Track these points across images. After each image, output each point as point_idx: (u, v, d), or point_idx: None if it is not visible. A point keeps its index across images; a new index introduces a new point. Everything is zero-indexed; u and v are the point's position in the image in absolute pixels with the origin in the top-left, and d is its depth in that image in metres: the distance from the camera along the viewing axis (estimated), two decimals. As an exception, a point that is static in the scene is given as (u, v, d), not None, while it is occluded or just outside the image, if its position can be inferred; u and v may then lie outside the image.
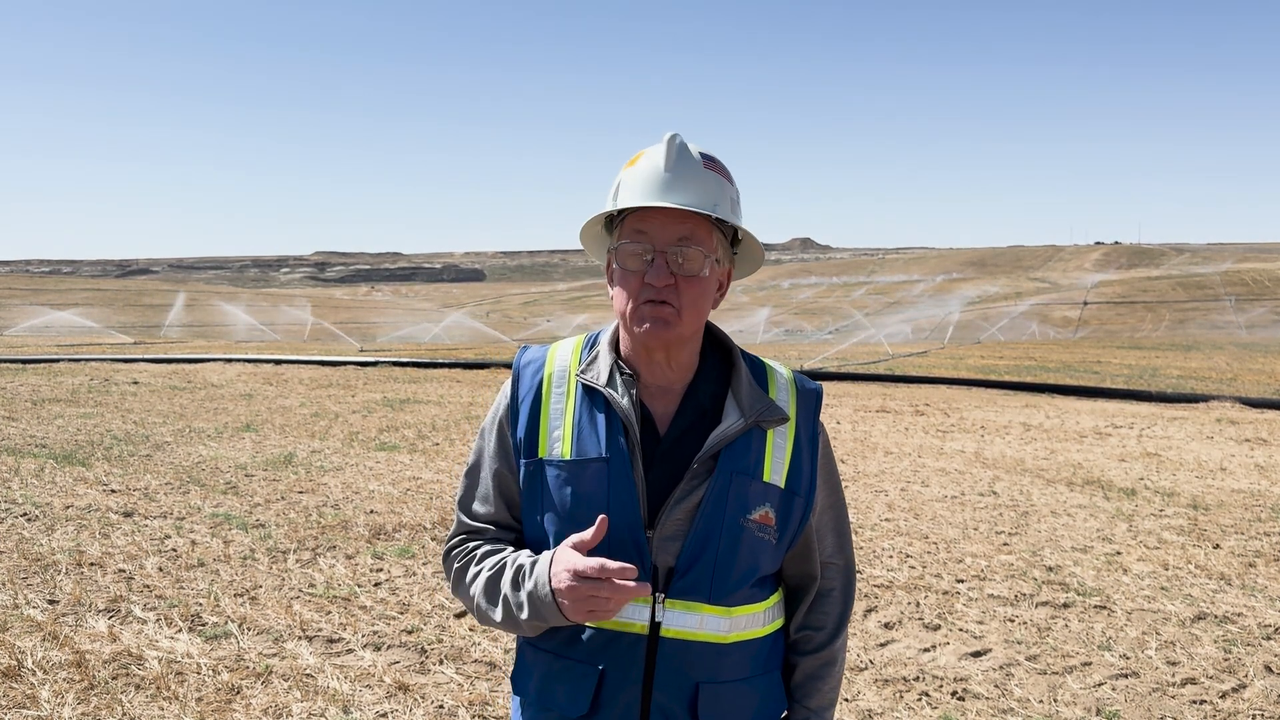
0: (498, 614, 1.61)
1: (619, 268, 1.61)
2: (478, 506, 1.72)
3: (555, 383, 1.68)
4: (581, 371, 1.67)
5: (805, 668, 1.73)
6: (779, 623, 1.72)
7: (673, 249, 1.57)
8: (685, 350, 1.66)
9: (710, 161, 1.62)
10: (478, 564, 1.67)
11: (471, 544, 1.71)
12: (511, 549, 1.67)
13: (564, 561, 1.50)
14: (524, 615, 1.55)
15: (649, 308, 1.58)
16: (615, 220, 1.64)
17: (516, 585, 1.58)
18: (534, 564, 1.58)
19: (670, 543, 1.58)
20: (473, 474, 1.74)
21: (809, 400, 1.72)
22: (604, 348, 1.69)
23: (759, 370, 1.72)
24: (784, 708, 1.72)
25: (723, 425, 1.61)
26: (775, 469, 1.63)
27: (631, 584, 1.45)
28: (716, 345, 1.75)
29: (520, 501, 1.68)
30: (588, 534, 1.50)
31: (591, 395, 1.65)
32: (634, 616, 1.57)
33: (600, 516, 1.50)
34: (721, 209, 1.60)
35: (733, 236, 1.67)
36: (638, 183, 1.60)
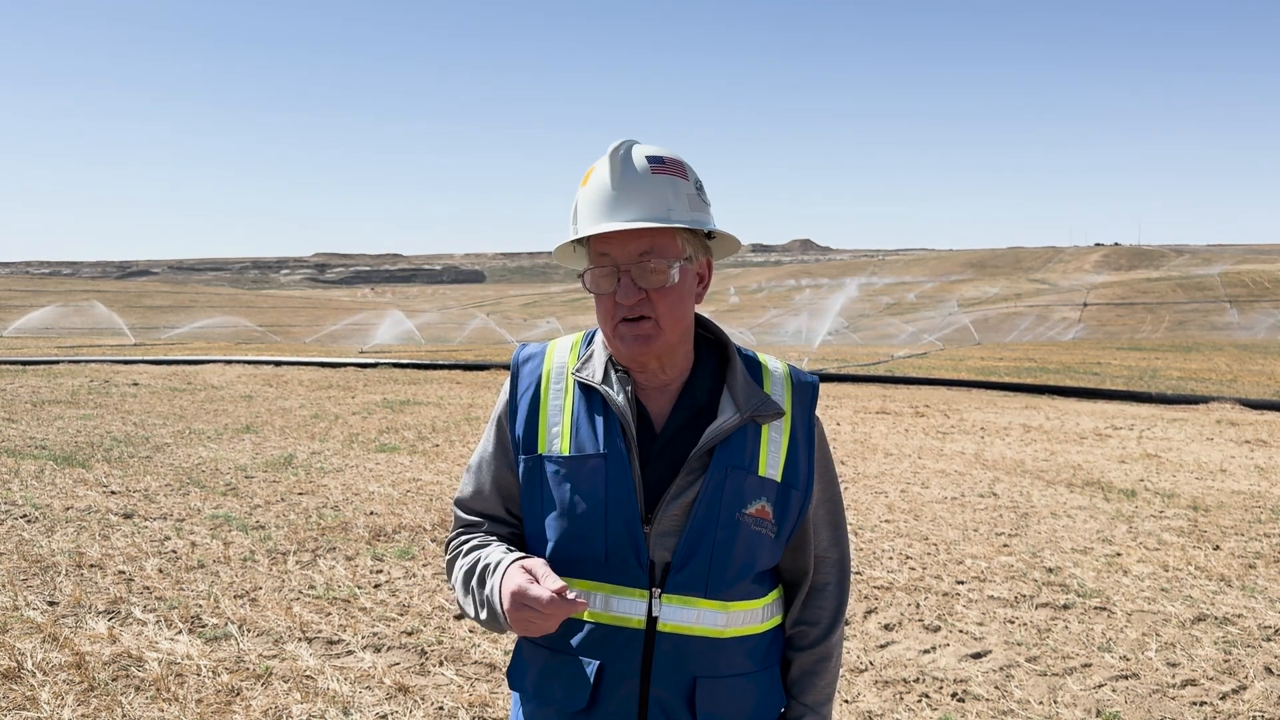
0: (470, 610, 1.62)
1: (592, 291, 1.63)
2: (471, 501, 1.74)
3: (553, 379, 1.69)
4: (577, 369, 1.68)
5: (801, 663, 1.73)
6: (778, 618, 1.73)
7: (635, 266, 1.57)
8: (677, 354, 1.67)
9: (658, 164, 1.60)
10: (464, 557, 1.68)
11: (463, 537, 1.72)
12: (497, 542, 1.67)
13: (513, 582, 1.50)
14: (483, 616, 1.57)
15: (625, 326, 1.59)
16: (584, 240, 1.65)
17: (482, 584, 1.59)
18: (496, 566, 1.58)
19: (666, 538, 1.59)
20: (472, 469, 1.76)
21: (805, 393, 1.72)
22: (599, 345, 1.70)
23: (754, 365, 1.72)
24: (783, 703, 1.73)
25: (718, 421, 1.61)
26: (771, 463, 1.64)
27: (566, 602, 1.44)
28: (712, 341, 1.75)
29: (520, 497, 1.69)
30: (540, 570, 1.49)
31: (588, 392, 1.66)
32: (631, 611, 1.58)
33: (575, 596, 1.46)
34: (677, 212, 1.59)
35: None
36: (590, 205, 1.60)
